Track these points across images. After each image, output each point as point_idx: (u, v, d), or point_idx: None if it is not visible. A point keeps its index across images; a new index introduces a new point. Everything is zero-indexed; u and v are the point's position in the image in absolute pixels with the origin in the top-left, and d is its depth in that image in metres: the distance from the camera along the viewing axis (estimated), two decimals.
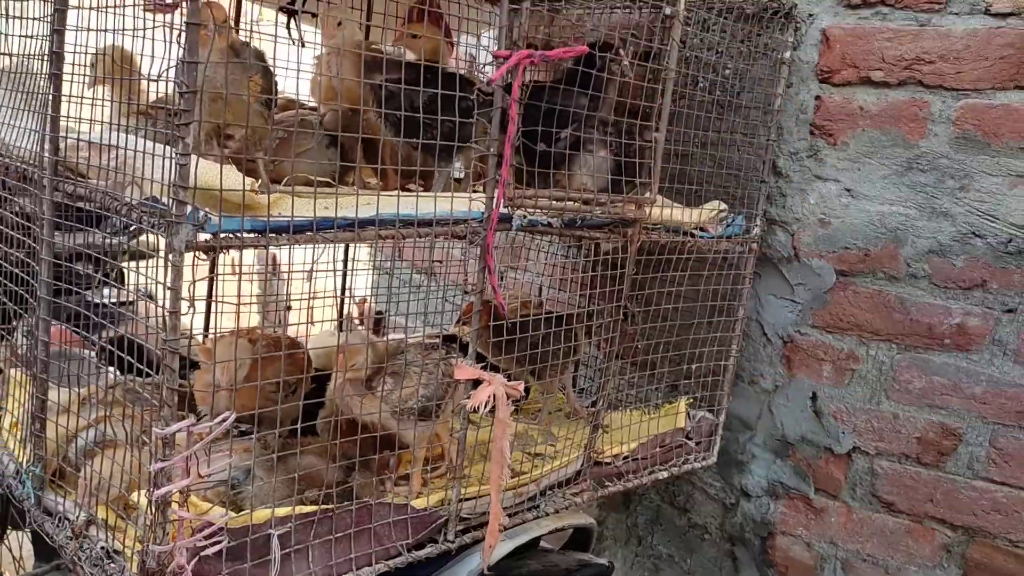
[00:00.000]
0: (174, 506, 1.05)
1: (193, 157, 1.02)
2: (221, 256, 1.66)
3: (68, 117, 1.27)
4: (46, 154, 1.26)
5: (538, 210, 1.41)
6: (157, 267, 1.08)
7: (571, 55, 1.35)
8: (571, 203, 1.46)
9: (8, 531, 3.09)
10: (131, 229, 2.59)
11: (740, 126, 1.91)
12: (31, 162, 1.34)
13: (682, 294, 1.84)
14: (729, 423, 2.14)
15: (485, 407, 1.34)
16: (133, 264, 2.61)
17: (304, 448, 1.34)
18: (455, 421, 1.44)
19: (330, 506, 1.27)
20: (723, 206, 1.86)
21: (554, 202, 1.44)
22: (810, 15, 1.89)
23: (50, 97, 1.24)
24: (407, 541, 1.36)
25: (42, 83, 1.37)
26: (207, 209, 1.04)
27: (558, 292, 2.36)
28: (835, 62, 1.88)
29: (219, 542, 1.10)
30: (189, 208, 1.01)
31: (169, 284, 1.01)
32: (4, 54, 1.47)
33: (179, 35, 0.98)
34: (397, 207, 1.25)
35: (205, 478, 1.09)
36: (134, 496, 1.16)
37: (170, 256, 1.01)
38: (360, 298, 3.03)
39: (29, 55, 1.40)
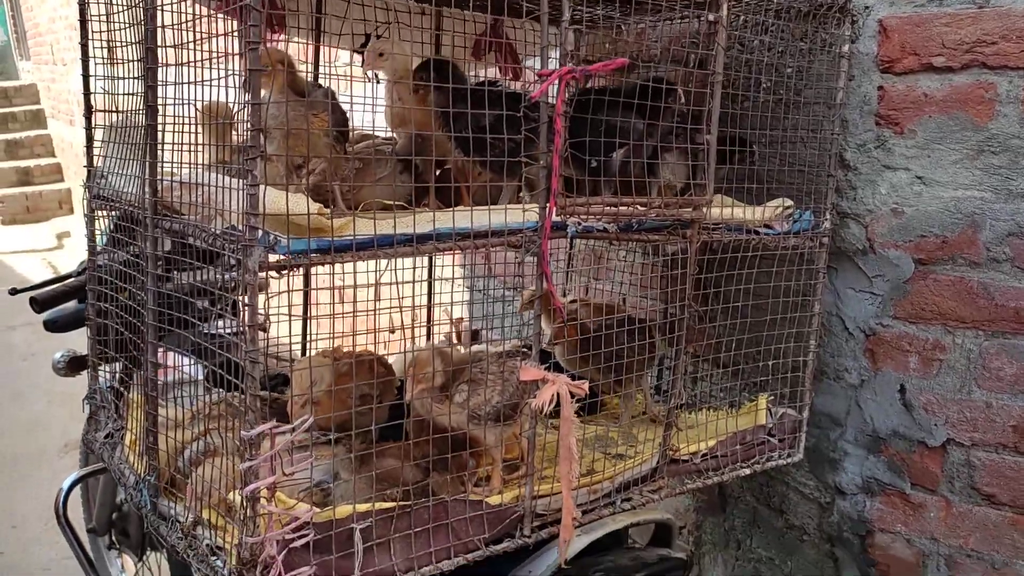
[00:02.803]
0: (263, 501, 1.17)
1: (262, 187, 1.14)
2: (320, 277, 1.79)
3: (165, 162, 1.43)
4: (147, 196, 1.42)
5: (591, 216, 1.48)
6: (267, 300, 1.22)
7: (611, 68, 1.42)
8: (624, 208, 1.52)
9: (148, 552, 3.35)
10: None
11: (804, 123, 1.92)
12: (136, 204, 1.51)
13: (754, 291, 1.86)
14: (818, 420, 2.13)
15: (550, 406, 1.41)
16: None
17: (384, 449, 1.45)
18: (525, 421, 1.52)
19: (408, 502, 1.37)
20: (788, 202, 1.87)
21: (606, 208, 1.50)
22: (866, 7, 1.89)
23: (147, 145, 1.40)
24: (484, 536, 1.44)
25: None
26: (278, 233, 1.17)
27: (638, 298, 2.41)
28: (895, 51, 1.87)
29: (306, 535, 1.21)
30: (260, 232, 1.14)
31: (247, 301, 1.14)
32: (111, 111, 1.65)
33: (244, 80, 1.11)
34: (453, 221, 1.35)
35: (289, 476, 1.20)
36: (231, 496, 1.29)
37: (246, 276, 1.14)
38: (457, 318, 3.16)
39: (132, 110, 1.58)
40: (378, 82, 2.05)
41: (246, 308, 1.14)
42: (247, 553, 1.16)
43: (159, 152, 1.42)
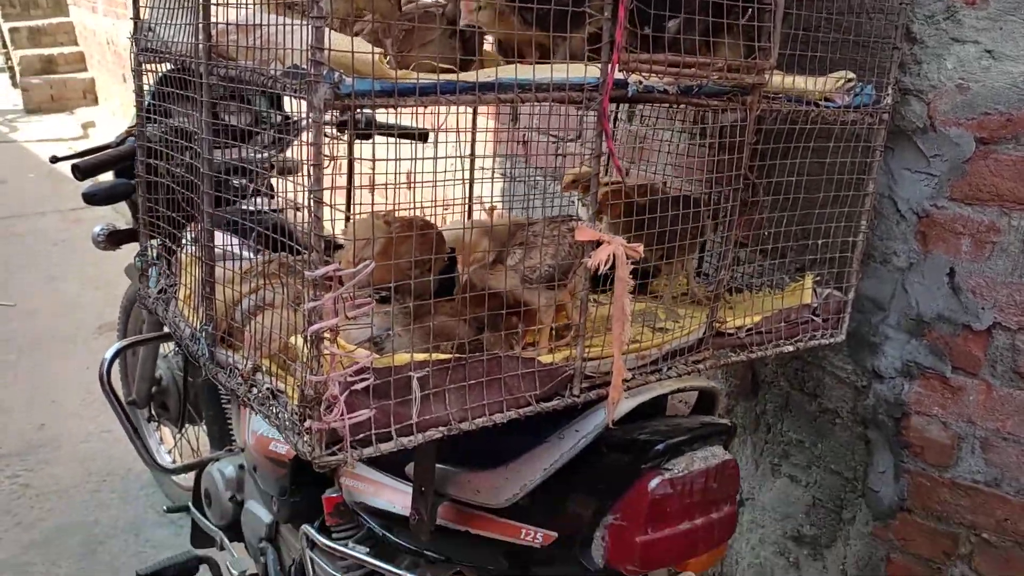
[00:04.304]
0: (326, 343, 1.18)
1: (326, 28, 1.11)
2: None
3: (218, 3, 1.39)
4: (200, 41, 1.39)
5: (653, 75, 1.44)
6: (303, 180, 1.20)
7: None
8: (686, 69, 1.48)
9: (186, 426, 3.44)
10: (278, 143, 2.77)
11: None
12: (187, 54, 1.48)
13: (807, 168, 1.82)
14: (860, 304, 2.12)
15: (605, 265, 1.41)
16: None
17: (437, 304, 1.45)
18: (577, 284, 1.51)
19: (463, 355, 1.38)
20: (851, 75, 1.81)
21: (668, 66, 1.46)
22: None
23: None
24: (536, 392, 1.45)
25: None
26: (341, 71, 1.14)
27: (682, 182, 2.37)
28: None
29: (366, 379, 1.23)
30: (325, 69, 1.11)
31: (311, 140, 1.12)
32: None
33: None
34: (516, 73, 1.31)
35: (352, 319, 1.21)
36: (292, 340, 1.30)
37: (311, 114, 1.12)
38: (489, 206, 3.14)
39: None
40: None
41: (311, 146, 1.12)
42: (311, 391, 1.18)
43: None
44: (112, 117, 9.94)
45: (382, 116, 2.70)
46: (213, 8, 1.39)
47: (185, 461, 3.43)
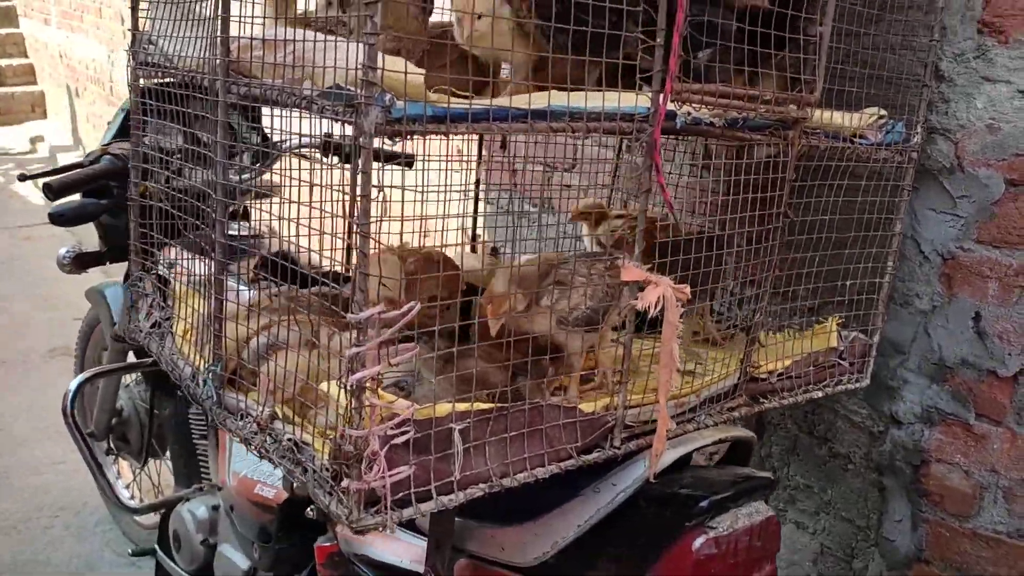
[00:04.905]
0: (367, 393, 1.06)
1: (380, 38, 1.00)
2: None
3: (236, 17, 1.27)
4: (218, 56, 1.27)
5: (704, 106, 1.35)
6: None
7: None
8: (736, 100, 1.40)
9: (147, 460, 3.23)
10: (258, 166, 2.64)
11: (897, 27, 1.80)
12: (198, 69, 1.36)
13: (838, 207, 1.75)
14: (880, 347, 2.05)
15: (656, 308, 1.31)
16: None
17: (466, 349, 1.33)
18: (610, 327, 1.42)
19: (505, 404, 1.26)
20: (882, 112, 1.75)
21: (719, 98, 1.37)
22: None
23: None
24: (576, 444, 1.34)
25: None
26: (392, 94, 1.03)
27: (690, 216, 2.30)
28: None
29: (407, 432, 1.11)
30: (377, 91, 1.00)
31: (361, 168, 1.01)
32: None
33: None
34: (568, 100, 1.22)
35: (394, 366, 1.09)
36: (323, 386, 1.18)
37: (360, 140, 1.00)
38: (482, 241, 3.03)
39: None
40: None
41: (360, 175, 1.01)
42: (350, 447, 1.05)
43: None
44: (61, 131, 9.62)
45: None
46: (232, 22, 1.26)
47: (144, 497, 3.23)
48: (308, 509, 1.81)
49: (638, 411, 1.43)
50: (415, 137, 1.06)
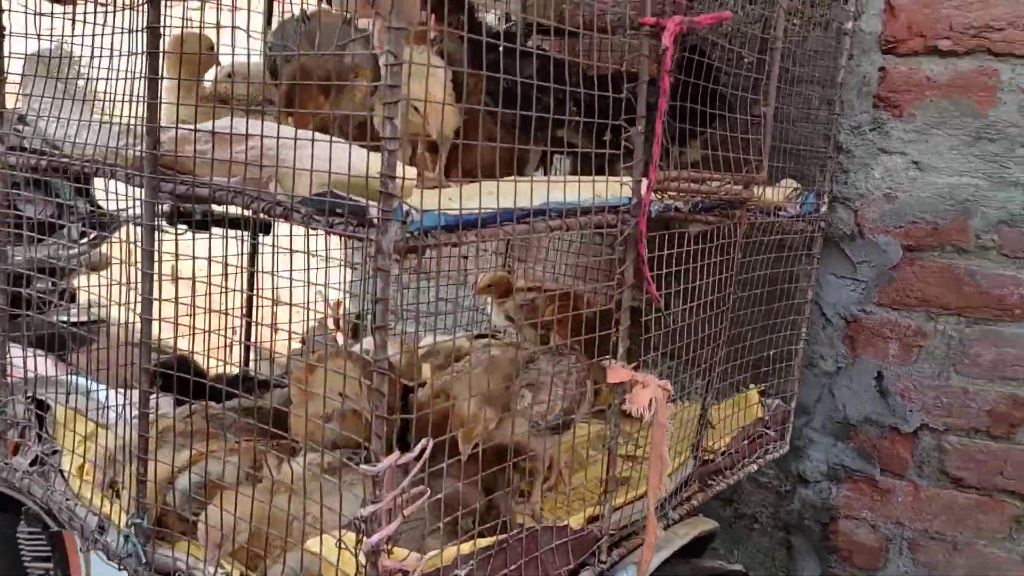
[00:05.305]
0: (383, 556, 0.88)
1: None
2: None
3: (165, 102, 1.06)
4: (136, 150, 1.05)
5: (680, 193, 1.29)
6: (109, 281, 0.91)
7: (719, 20, 1.24)
8: (705, 186, 1.35)
9: None
10: (90, 239, 2.32)
11: (799, 101, 1.84)
12: (106, 160, 1.12)
13: (766, 280, 1.76)
14: None
15: (649, 411, 1.22)
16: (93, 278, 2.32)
17: (436, 470, 1.17)
18: (607, 430, 1.31)
19: (504, 536, 1.12)
20: (796, 184, 1.78)
21: (690, 184, 1.32)
22: None
23: (145, 81, 1.03)
24: (569, 566, 1.22)
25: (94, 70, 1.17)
26: (408, 204, 0.88)
27: (589, 285, 2.24)
28: (900, 32, 1.83)
29: None
30: (396, 203, 0.84)
31: (379, 295, 0.84)
32: (42, 36, 1.24)
33: None
34: (564, 194, 1.11)
35: (407, 519, 0.92)
36: (311, 543, 0.98)
37: (378, 260, 0.84)
38: (334, 300, 2.82)
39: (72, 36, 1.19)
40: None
41: (378, 302, 0.84)
42: None
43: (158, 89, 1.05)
44: None
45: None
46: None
47: None
48: None
49: (619, 516, 1.33)
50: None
